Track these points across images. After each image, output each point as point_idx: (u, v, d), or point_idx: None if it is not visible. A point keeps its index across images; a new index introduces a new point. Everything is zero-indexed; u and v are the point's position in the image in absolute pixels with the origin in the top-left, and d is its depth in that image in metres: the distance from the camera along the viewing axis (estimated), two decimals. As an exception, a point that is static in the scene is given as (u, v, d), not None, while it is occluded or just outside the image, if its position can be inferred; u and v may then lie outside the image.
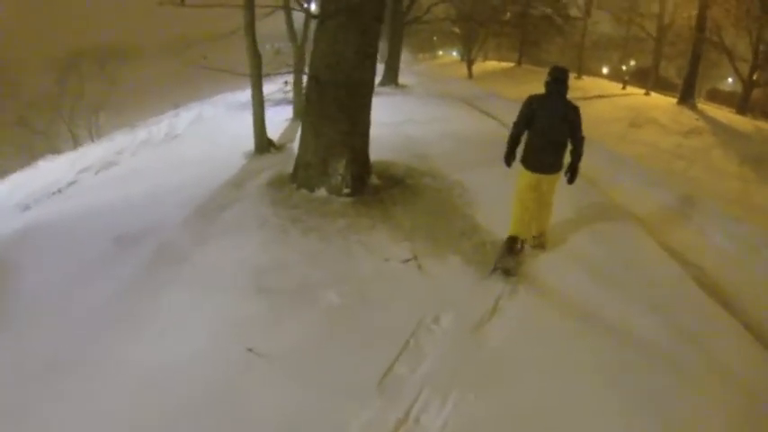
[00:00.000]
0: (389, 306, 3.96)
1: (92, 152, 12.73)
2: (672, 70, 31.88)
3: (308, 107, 6.22)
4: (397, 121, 11.12)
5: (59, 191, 8.50)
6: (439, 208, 5.95)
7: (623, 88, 24.52)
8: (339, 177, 5.97)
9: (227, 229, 5.18)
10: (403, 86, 21.79)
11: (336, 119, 5.93)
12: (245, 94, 19.87)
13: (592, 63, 34.33)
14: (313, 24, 8.20)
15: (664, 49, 26.27)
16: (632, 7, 27.25)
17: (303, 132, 6.31)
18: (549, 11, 27.87)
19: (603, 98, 19.44)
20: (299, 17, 12.81)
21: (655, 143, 11.64)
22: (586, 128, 4.46)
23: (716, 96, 28.92)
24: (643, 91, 23.56)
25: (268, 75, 7.17)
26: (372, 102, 6.34)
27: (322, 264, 4.52)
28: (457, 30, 30.27)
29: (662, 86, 27.04)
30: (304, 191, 6.07)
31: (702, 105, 19.35)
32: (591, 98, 19.03)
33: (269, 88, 19.20)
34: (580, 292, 4.26)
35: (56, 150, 14.71)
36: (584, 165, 4.62)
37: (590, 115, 13.61)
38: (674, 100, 19.74)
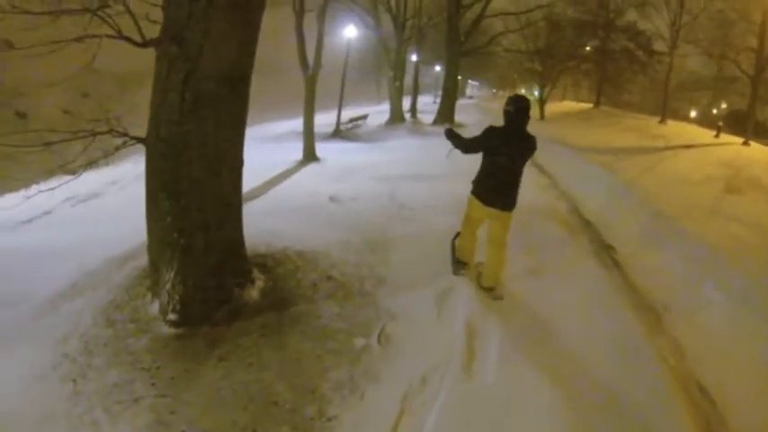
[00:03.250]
0: None
1: (91, 179, 11.02)
2: (770, 114, 26.31)
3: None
4: (402, 173, 8.63)
5: (30, 220, 7.47)
6: (283, 396, 2.92)
7: (716, 136, 19.17)
8: (166, 295, 3.57)
9: (31, 340, 3.53)
10: (458, 125, 18.64)
11: (158, 203, 3.53)
12: (288, 125, 18.53)
13: (678, 105, 29.23)
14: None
15: (762, 89, 20.75)
16: (725, 40, 21.44)
17: None
18: (630, 45, 23.37)
19: (692, 148, 14.90)
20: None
21: (762, 222, 7.46)
22: (667, 190, 4.68)
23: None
24: (741, 140, 18.56)
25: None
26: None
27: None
28: (536, 66, 25.77)
29: (760, 134, 21.50)
30: (148, 300, 3.89)
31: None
32: (676, 148, 14.65)
33: (322, 118, 17.33)
34: None
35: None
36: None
37: (673, 173, 9.92)
38: (784, 153, 14.87)
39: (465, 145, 3.90)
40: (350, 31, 15.27)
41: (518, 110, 3.65)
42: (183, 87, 3.24)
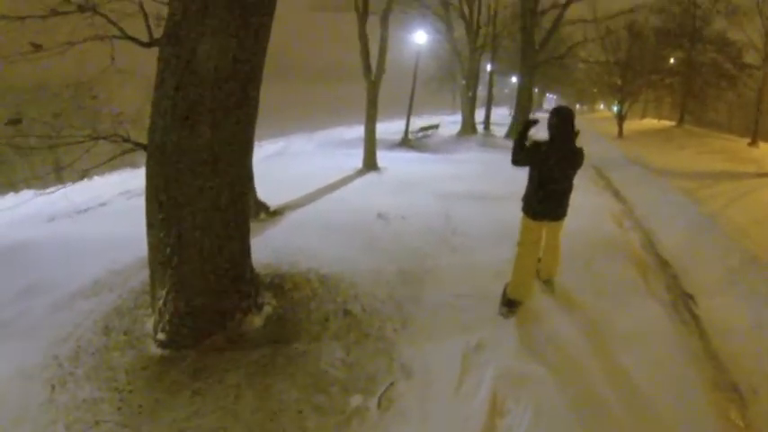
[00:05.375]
0: None
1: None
2: None
3: None
4: (465, 191, 7.79)
5: (86, 210, 7.31)
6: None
7: (818, 163, 16.52)
8: (158, 313, 3.20)
9: (36, 335, 3.32)
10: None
11: (151, 214, 3.13)
12: (352, 131, 17.99)
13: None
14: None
15: None
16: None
17: None
18: (718, 57, 20.45)
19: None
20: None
21: None
22: (761, 227, 4.08)
23: None
24: None
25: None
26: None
27: None
28: (615, 79, 22.62)
29: None
30: (149, 312, 3.52)
31: None
32: (768, 176, 12.48)
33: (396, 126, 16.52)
34: None
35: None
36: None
37: (762, 209, 8.13)
38: None
39: (517, 156, 3.56)
40: (419, 38, 14.45)
41: (563, 122, 3.44)
42: (176, 90, 2.83)
